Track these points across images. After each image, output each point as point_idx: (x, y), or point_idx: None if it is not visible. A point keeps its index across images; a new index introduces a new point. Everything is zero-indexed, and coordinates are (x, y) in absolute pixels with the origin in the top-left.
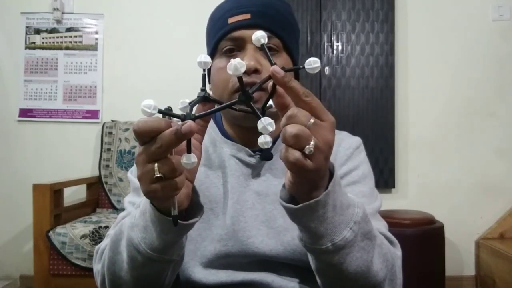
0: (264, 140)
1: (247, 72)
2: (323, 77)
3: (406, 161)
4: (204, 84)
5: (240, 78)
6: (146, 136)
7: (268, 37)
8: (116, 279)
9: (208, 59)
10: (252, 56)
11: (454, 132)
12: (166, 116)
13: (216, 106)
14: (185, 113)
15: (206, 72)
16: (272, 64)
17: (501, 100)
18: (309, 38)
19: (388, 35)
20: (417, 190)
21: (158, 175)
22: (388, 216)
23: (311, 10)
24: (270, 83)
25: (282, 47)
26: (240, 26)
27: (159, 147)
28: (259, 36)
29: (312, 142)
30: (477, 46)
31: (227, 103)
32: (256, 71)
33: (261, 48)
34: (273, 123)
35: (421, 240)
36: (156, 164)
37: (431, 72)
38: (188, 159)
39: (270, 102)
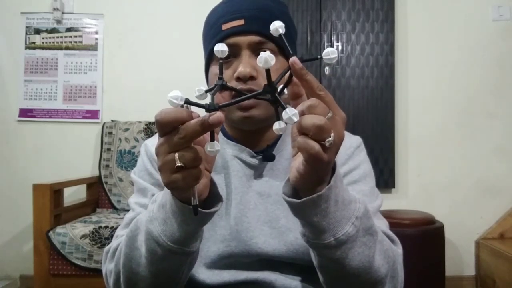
0: (279, 127)
1: (242, 79)
2: (323, 77)
3: (406, 161)
4: (221, 73)
5: (268, 71)
6: (168, 126)
7: (263, 42)
8: (133, 276)
9: (225, 47)
10: (248, 63)
11: (454, 132)
12: (185, 106)
13: (233, 96)
14: (208, 103)
15: (223, 61)
16: (290, 53)
17: (501, 100)
18: (309, 38)
19: (388, 35)
20: (417, 190)
21: (179, 164)
22: (388, 216)
23: (311, 10)
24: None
25: (278, 51)
26: (234, 33)
27: (182, 138)
28: (278, 26)
29: (332, 135)
30: (477, 46)
31: (252, 94)
32: (252, 77)
33: (279, 37)
34: (298, 114)
35: (421, 240)
36: (176, 154)
37: (431, 72)
38: (212, 147)
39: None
